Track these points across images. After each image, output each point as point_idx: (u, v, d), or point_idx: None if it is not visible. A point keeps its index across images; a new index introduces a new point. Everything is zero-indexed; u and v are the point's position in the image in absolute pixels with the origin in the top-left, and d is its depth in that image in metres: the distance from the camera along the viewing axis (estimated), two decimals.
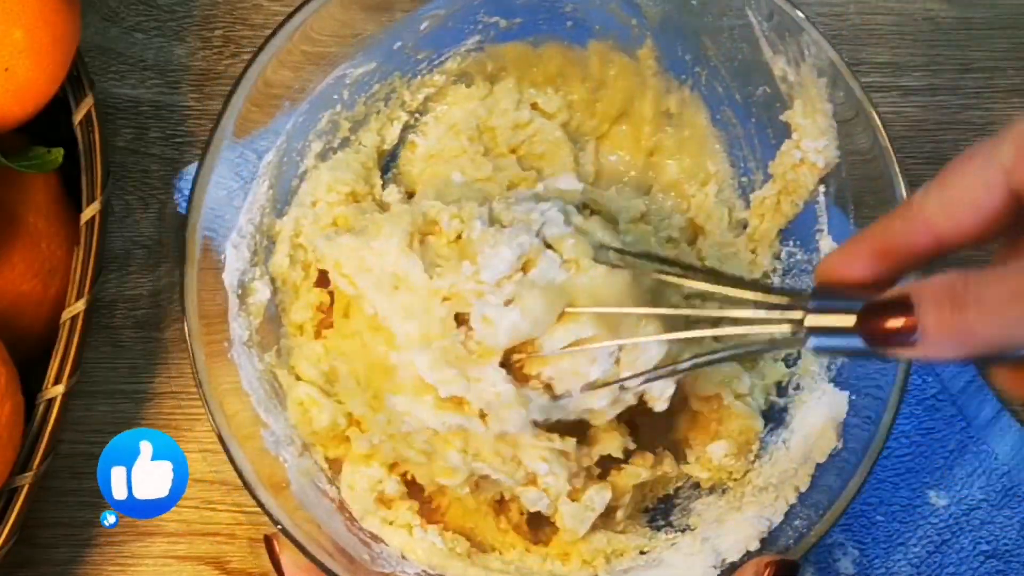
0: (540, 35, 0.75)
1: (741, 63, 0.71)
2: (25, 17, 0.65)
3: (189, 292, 0.65)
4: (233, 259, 0.68)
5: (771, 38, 0.68)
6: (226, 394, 0.66)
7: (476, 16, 0.73)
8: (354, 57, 0.71)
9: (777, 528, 0.65)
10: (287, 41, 0.67)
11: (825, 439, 0.66)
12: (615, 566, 0.69)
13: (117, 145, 0.80)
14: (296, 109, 0.70)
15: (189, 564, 0.76)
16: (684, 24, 0.71)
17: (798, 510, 0.65)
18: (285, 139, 0.70)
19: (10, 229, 0.70)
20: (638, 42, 0.73)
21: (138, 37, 0.81)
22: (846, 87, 0.66)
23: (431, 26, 0.73)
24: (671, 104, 0.75)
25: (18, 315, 0.70)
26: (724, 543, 0.66)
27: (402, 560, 0.67)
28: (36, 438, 0.67)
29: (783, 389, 0.72)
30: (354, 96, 0.73)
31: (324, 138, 0.73)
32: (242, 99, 0.67)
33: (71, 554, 0.76)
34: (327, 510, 0.67)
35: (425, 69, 0.75)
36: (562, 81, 0.76)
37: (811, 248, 0.72)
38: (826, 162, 0.69)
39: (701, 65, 0.73)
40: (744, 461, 0.70)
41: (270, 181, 0.70)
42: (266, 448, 0.66)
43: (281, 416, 0.69)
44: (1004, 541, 0.75)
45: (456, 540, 0.69)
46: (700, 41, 0.71)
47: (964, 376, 0.77)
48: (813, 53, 0.67)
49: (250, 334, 0.69)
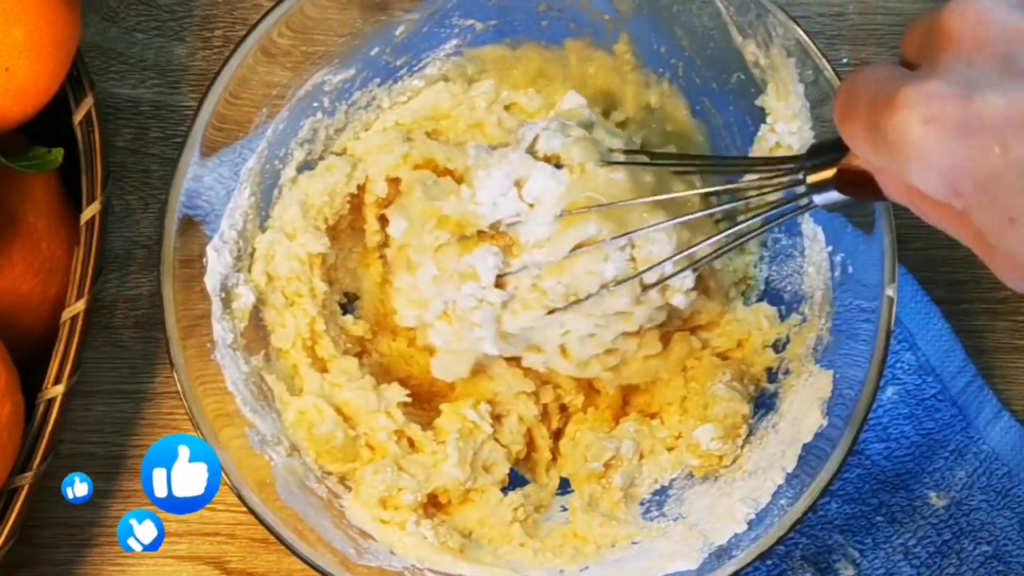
0: (517, 37, 0.75)
1: (714, 51, 0.71)
2: (25, 17, 0.65)
3: (167, 300, 0.66)
4: (215, 263, 0.68)
5: (739, 22, 0.69)
6: (208, 394, 0.66)
7: (451, 20, 0.73)
8: (332, 63, 0.72)
9: (764, 508, 0.66)
10: (263, 37, 0.68)
11: (811, 418, 0.67)
12: (606, 556, 0.69)
13: (117, 145, 0.80)
14: (277, 116, 0.71)
15: (189, 564, 0.76)
16: (656, 15, 0.71)
17: (784, 489, 0.66)
18: (266, 146, 0.71)
19: (10, 229, 0.70)
20: (613, 38, 0.74)
21: (138, 37, 0.81)
22: (814, 67, 0.66)
23: (406, 31, 0.73)
24: (652, 98, 0.75)
25: (18, 315, 0.70)
26: (712, 527, 0.67)
27: (390, 555, 0.67)
28: (36, 438, 0.67)
29: (773, 375, 0.72)
30: (335, 103, 0.74)
31: (306, 147, 0.73)
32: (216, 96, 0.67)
33: (71, 554, 0.76)
34: (314, 507, 0.68)
35: (405, 74, 0.75)
36: (544, 82, 0.76)
37: (795, 232, 0.72)
38: (801, 143, 0.69)
39: (676, 57, 0.73)
40: (733, 445, 0.71)
41: (251, 188, 0.70)
42: (250, 447, 0.67)
43: (268, 417, 0.69)
44: (1004, 542, 0.75)
45: (450, 534, 0.69)
46: (673, 32, 0.72)
47: (964, 376, 0.77)
48: (780, 34, 0.67)
49: (235, 337, 0.69)
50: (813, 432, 0.66)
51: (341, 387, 0.71)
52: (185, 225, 0.67)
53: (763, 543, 0.64)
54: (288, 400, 0.70)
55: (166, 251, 0.66)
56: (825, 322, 0.69)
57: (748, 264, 0.75)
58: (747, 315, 0.73)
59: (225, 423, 0.66)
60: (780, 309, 0.73)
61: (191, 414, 0.65)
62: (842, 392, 0.66)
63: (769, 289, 0.74)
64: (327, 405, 0.70)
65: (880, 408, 0.76)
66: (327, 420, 0.70)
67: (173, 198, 0.66)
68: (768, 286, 0.74)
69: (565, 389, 0.74)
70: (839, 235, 0.69)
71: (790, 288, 0.73)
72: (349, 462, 0.70)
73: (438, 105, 0.75)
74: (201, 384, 0.66)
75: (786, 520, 0.64)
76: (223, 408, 0.67)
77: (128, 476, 0.76)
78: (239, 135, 0.69)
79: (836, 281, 0.69)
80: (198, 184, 0.67)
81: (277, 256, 0.72)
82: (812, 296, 0.71)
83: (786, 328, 0.72)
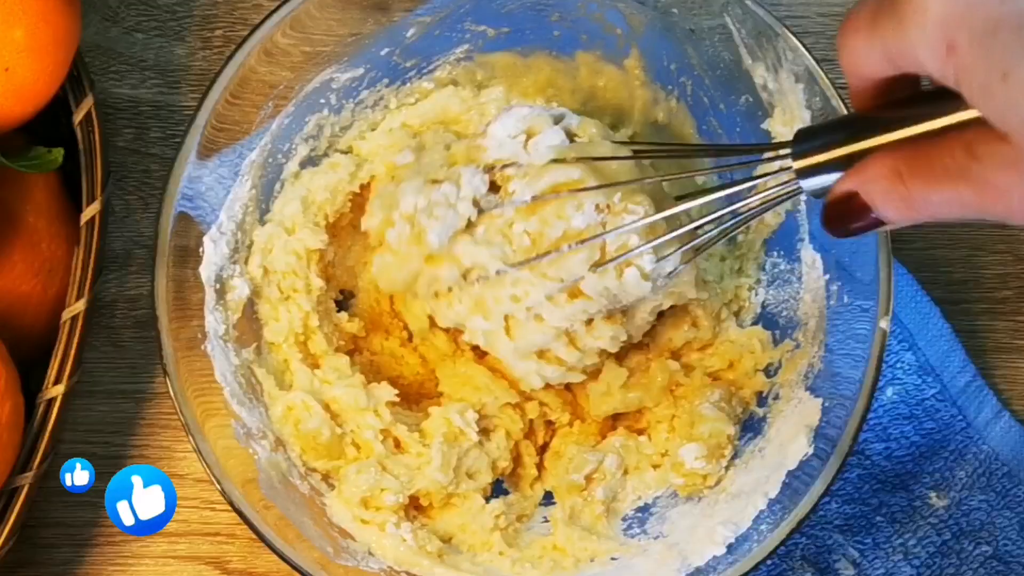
0: (528, 45, 0.74)
1: (724, 71, 0.71)
2: (25, 17, 0.65)
3: (160, 288, 0.65)
4: (212, 253, 0.68)
5: (750, 44, 0.68)
6: (195, 385, 0.66)
7: (463, 24, 0.73)
8: (341, 61, 0.72)
9: (744, 533, 0.66)
10: (270, 34, 0.68)
11: (797, 444, 0.66)
12: (584, 570, 0.69)
13: (117, 145, 0.80)
14: (283, 111, 0.71)
15: (189, 564, 0.76)
16: (667, 32, 0.71)
17: (765, 515, 0.66)
18: (270, 140, 0.71)
19: (10, 229, 0.70)
20: (624, 52, 0.73)
21: (138, 37, 0.81)
22: (822, 94, 0.66)
23: (418, 33, 0.73)
24: (659, 115, 0.75)
25: (18, 315, 0.70)
26: (691, 548, 0.67)
27: (368, 556, 0.67)
28: (36, 438, 0.67)
29: (763, 399, 0.72)
30: (342, 101, 0.73)
31: (310, 143, 0.73)
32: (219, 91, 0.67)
33: (71, 554, 0.76)
34: (296, 503, 0.68)
35: (414, 76, 0.75)
36: (553, 92, 0.76)
37: (793, 258, 0.72)
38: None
39: (686, 75, 0.73)
40: (717, 466, 0.71)
41: (252, 181, 0.70)
42: (235, 440, 0.67)
43: (255, 411, 0.69)
44: (1004, 542, 0.75)
45: (429, 538, 0.69)
46: (684, 50, 0.71)
47: (964, 377, 0.77)
48: (790, 59, 0.67)
49: (227, 328, 0.69)
50: (798, 460, 0.66)
51: (331, 384, 0.71)
52: (182, 218, 0.67)
53: (740, 567, 0.64)
54: (277, 395, 0.70)
55: (162, 239, 0.66)
56: (818, 350, 0.69)
57: (741, 286, 0.75)
58: (741, 337, 0.73)
59: (211, 414, 0.66)
60: (774, 333, 0.73)
61: (177, 404, 0.65)
62: (830, 420, 0.66)
63: (765, 313, 0.74)
64: (315, 401, 0.70)
65: (880, 408, 0.76)
66: (315, 416, 0.70)
67: (172, 186, 0.66)
68: (764, 309, 0.74)
69: (551, 407, 0.74)
70: (837, 263, 0.68)
71: (785, 313, 0.73)
72: (334, 459, 0.70)
73: (447, 109, 0.75)
74: (189, 375, 0.66)
75: (765, 546, 0.63)
76: (209, 399, 0.67)
77: None
78: (244, 129, 0.69)
79: (831, 309, 0.68)
80: (200, 172, 0.67)
81: (275, 250, 0.72)
82: (807, 323, 0.70)
83: (779, 353, 0.72)
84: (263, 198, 0.72)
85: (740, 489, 0.68)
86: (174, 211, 0.66)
